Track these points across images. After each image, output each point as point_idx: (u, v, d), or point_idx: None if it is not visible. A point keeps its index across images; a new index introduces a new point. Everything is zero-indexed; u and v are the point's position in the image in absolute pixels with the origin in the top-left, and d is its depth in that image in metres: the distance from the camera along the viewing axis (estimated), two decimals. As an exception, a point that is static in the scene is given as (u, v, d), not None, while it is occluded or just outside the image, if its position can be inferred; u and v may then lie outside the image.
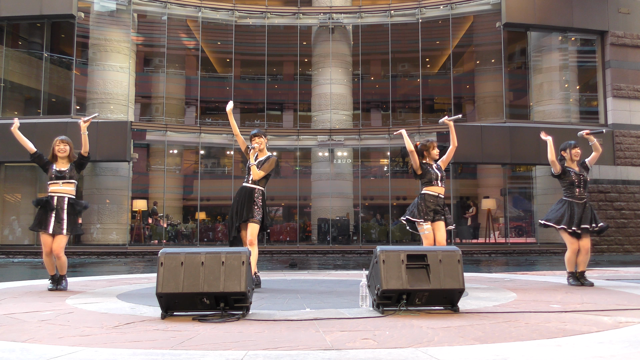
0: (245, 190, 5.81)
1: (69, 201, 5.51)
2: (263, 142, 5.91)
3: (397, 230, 18.78)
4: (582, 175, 5.83)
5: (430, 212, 5.54)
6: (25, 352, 2.58)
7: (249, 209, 5.70)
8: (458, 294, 3.79)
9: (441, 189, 5.63)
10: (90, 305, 4.28)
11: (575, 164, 5.90)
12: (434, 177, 5.61)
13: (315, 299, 4.75)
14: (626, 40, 17.44)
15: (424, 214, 5.53)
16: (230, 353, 2.53)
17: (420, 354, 2.48)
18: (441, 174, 5.65)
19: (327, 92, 18.86)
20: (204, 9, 18.38)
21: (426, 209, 5.54)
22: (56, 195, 5.49)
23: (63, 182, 5.51)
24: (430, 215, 5.53)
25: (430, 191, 5.62)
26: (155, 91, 21.07)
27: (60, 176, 5.52)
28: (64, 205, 5.46)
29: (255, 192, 5.77)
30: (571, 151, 5.86)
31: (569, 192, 5.82)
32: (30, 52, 18.74)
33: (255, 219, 5.69)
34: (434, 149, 5.73)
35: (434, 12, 18.65)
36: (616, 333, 2.99)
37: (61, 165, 5.58)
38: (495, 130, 17.08)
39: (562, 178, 5.85)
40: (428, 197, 5.60)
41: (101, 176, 17.08)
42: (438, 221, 5.57)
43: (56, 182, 5.51)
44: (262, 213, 5.78)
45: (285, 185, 21.18)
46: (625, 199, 16.77)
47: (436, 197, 5.60)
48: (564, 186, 5.89)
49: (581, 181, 5.80)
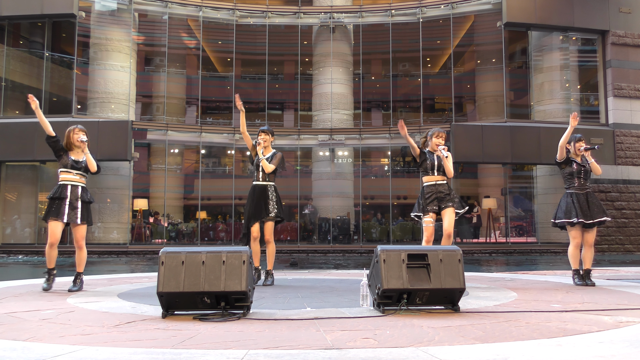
0: (258, 188, 5.91)
1: (82, 190, 5.40)
2: (268, 140, 5.99)
3: (397, 229, 18.78)
4: (584, 166, 5.86)
5: (433, 202, 5.49)
6: (26, 351, 2.58)
7: (265, 208, 5.84)
8: (459, 294, 3.79)
9: (439, 177, 5.55)
10: (91, 304, 4.28)
11: (579, 157, 5.94)
12: (429, 167, 5.56)
13: (316, 298, 4.75)
14: (627, 39, 17.42)
15: (422, 208, 5.53)
16: (231, 352, 2.53)
17: (421, 354, 2.49)
18: (438, 162, 5.56)
19: (328, 91, 18.86)
20: (204, 9, 18.39)
21: (425, 202, 5.52)
22: (69, 183, 5.35)
23: (77, 173, 5.41)
24: (432, 207, 5.49)
25: (427, 182, 5.60)
26: (156, 90, 21.08)
27: (76, 166, 5.39)
28: (78, 194, 5.34)
29: (269, 189, 5.90)
30: (575, 144, 5.92)
31: (569, 182, 5.87)
32: (31, 51, 18.75)
33: (271, 217, 5.86)
34: (437, 137, 5.64)
35: (434, 12, 18.64)
36: (617, 333, 2.99)
37: (77, 156, 5.45)
38: (496, 129, 17.07)
39: (563, 168, 5.90)
40: (426, 189, 5.57)
41: (102, 175, 17.08)
42: (445, 209, 5.49)
43: (70, 172, 5.38)
44: (278, 207, 5.92)
45: (285, 185, 21.17)
46: (626, 199, 16.76)
47: (434, 185, 5.55)
48: (564, 177, 5.93)
49: (581, 171, 5.83)
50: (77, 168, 5.40)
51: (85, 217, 5.37)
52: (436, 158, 5.57)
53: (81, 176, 5.45)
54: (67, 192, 5.31)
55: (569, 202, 5.78)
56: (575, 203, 5.73)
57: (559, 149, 5.87)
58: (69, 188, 5.34)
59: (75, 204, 5.31)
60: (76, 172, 5.40)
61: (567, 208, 5.76)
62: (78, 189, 5.38)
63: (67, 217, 5.25)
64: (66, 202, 5.28)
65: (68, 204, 5.28)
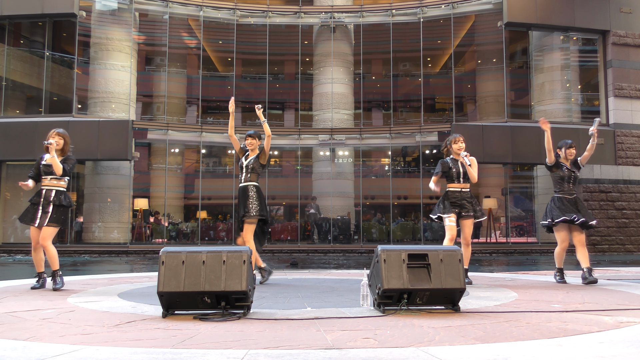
0: (241, 189, 6.02)
1: (56, 194, 5.45)
2: (255, 144, 6.08)
3: (398, 229, 18.77)
4: (574, 172, 6.08)
5: (455, 207, 5.82)
6: (26, 351, 2.58)
7: (245, 207, 5.91)
8: (459, 294, 3.79)
9: (464, 185, 5.90)
10: (91, 304, 4.28)
11: (568, 162, 6.14)
12: (455, 175, 5.90)
13: (316, 298, 4.75)
14: (628, 39, 17.41)
15: (446, 209, 5.83)
16: (231, 352, 2.53)
17: (421, 354, 2.48)
18: (463, 170, 5.89)
19: (329, 91, 18.85)
20: (205, 8, 18.38)
21: (449, 205, 5.83)
22: (44, 188, 5.46)
23: (51, 178, 5.47)
24: (454, 210, 5.81)
25: (452, 187, 5.93)
26: (157, 90, 21.08)
27: (47, 171, 5.46)
28: (51, 197, 5.41)
29: (249, 189, 5.96)
30: (566, 150, 6.13)
31: (559, 186, 6.08)
32: (32, 50, 18.75)
33: (249, 217, 5.87)
34: (455, 143, 5.96)
35: (435, 12, 18.62)
36: (617, 333, 2.98)
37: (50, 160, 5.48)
38: (496, 129, 17.06)
39: (554, 171, 6.11)
40: (450, 194, 5.90)
41: (102, 175, 17.10)
42: (466, 219, 5.85)
43: (45, 177, 5.47)
44: (260, 206, 5.91)
45: (286, 185, 21.19)
46: (626, 199, 16.75)
47: (459, 192, 5.88)
48: (554, 180, 6.14)
49: (571, 177, 6.05)
50: (48, 173, 5.47)
51: (55, 219, 5.39)
52: (461, 166, 5.89)
53: (56, 179, 5.49)
54: (40, 198, 5.43)
55: (557, 205, 5.99)
56: (563, 206, 5.94)
57: (547, 152, 6.07)
58: (43, 192, 5.45)
59: (47, 208, 5.38)
60: (51, 177, 5.47)
61: (562, 209, 5.94)
62: (51, 193, 5.45)
63: (38, 221, 5.36)
64: (39, 207, 5.39)
65: (41, 208, 5.38)
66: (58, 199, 5.44)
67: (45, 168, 5.45)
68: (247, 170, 5.98)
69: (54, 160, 5.37)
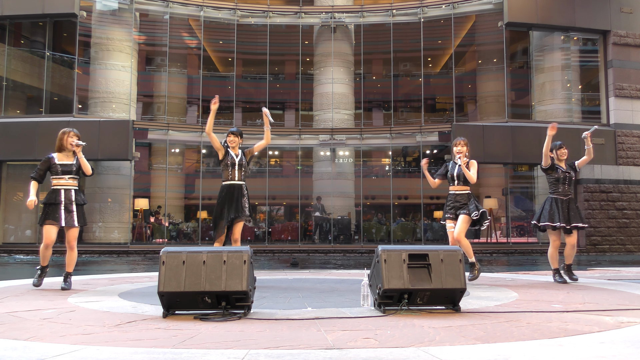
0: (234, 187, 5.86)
1: (76, 192, 5.50)
2: (237, 141, 5.95)
3: (398, 229, 18.77)
4: (569, 173, 6.16)
5: (451, 209, 6.11)
6: (27, 350, 2.58)
7: (239, 206, 5.80)
8: (459, 294, 3.79)
9: (459, 187, 6.12)
10: (92, 304, 4.28)
11: (563, 163, 6.22)
12: (450, 178, 6.18)
13: (317, 298, 4.75)
14: (629, 39, 17.41)
15: (445, 214, 6.21)
16: (232, 352, 2.53)
17: (422, 354, 2.48)
18: (458, 171, 6.08)
19: (329, 91, 18.85)
20: (206, 8, 18.38)
21: (447, 209, 6.18)
22: (62, 188, 5.44)
23: (69, 177, 5.49)
24: (451, 214, 6.10)
25: (450, 190, 6.23)
26: (157, 90, 21.09)
27: (66, 170, 5.47)
28: (72, 197, 5.44)
29: (244, 188, 5.92)
30: (557, 151, 6.23)
31: (553, 187, 6.18)
32: (33, 50, 18.76)
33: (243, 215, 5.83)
34: (455, 146, 6.16)
35: (435, 12, 18.62)
36: (618, 333, 2.98)
37: (66, 159, 5.52)
38: (497, 129, 17.06)
39: (549, 173, 6.19)
40: (449, 198, 6.22)
41: (103, 175, 17.10)
42: (460, 215, 6.08)
43: (62, 177, 5.46)
44: (249, 206, 5.93)
45: (286, 185, 21.18)
46: (627, 199, 16.74)
47: (454, 195, 6.15)
48: (550, 182, 6.24)
49: (567, 179, 6.14)
50: (68, 172, 5.48)
51: (81, 220, 5.47)
52: (457, 168, 6.09)
53: (73, 179, 5.53)
54: (60, 197, 5.41)
55: (552, 207, 6.08)
56: (558, 209, 6.04)
57: (543, 157, 6.13)
58: (62, 192, 5.44)
59: (70, 208, 5.41)
60: (68, 177, 5.48)
61: (551, 212, 6.06)
62: (71, 192, 5.47)
63: (64, 220, 5.36)
64: (61, 206, 5.38)
65: (63, 208, 5.38)
66: (79, 198, 5.50)
67: (63, 167, 5.46)
68: (240, 168, 5.95)
69: (85, 161, 5.52)
